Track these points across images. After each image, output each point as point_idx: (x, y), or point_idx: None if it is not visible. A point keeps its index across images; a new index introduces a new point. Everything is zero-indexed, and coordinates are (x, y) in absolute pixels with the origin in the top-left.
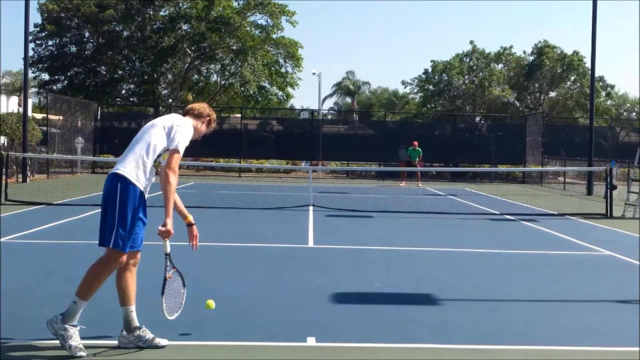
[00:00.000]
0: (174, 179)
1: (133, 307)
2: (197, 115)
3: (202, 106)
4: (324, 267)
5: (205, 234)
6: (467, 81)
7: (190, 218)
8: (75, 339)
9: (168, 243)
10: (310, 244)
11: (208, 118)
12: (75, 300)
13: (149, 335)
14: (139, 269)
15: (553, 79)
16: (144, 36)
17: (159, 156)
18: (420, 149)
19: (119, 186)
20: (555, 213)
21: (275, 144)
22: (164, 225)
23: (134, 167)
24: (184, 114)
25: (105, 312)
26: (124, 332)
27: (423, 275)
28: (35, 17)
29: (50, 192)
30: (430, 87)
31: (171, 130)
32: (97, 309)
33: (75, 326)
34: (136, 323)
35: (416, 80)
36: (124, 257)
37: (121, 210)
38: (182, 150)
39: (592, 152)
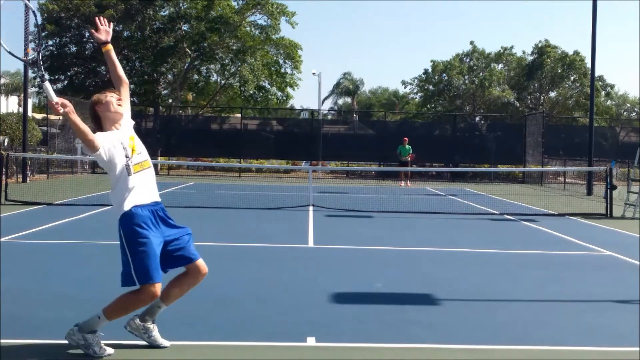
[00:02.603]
0: (88, 141)
1: (164, 306)
2: (95, 117)
3: (91, 108)
4: (324, 267)
5: (205, 234)
6: (467, 81)
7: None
8: (98, 343)
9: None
10: (310, 244)
11: (98, 108)
12: (100, 316)
13: (155, 332)
14: None
15: (553, 78)
16: (144, 36)
17: (127, 167)
18: (409, 146)
19: (118, 225)
20: (555, 213)
21: (275, 144)
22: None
23: (113, 198)
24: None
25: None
26: (137, 319)
27: (423, 275)
28: None
29: (50, 192)
30: (430, 87)
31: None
32: (97, 309)
33: (94, 333)
34: (154, 318)
35: (416, 80)
36: (157, 288)
37: (129, 246)
38: (98, 139)
39: (592, 152)
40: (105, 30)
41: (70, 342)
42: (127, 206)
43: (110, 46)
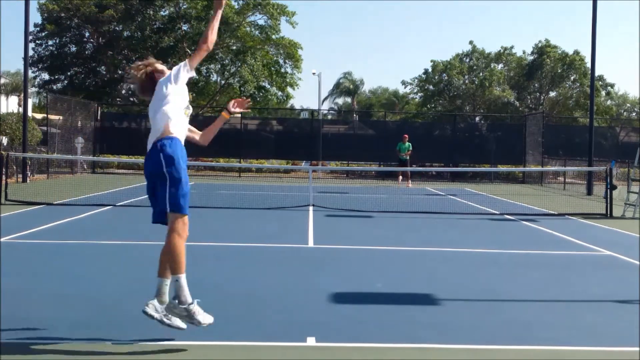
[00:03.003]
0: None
1: (167, 280)
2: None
3: (149, 76)
4: (324, 267)
5: (205, 234)
6: (467, 81)
7: (225, 113)
8: (199, 312)
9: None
10: (310, 244)
11: (158, 75)
12: (177, 279)
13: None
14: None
15: (553, 78)
16: (144, 36)
17: (187, 107)
18: (409, 143)
19: (163, 146)
20: (555, 213)
21: (275, 144)
22: None
23: (171, 125)
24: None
25: (104, 311)
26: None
27: (423, 275)
28: (35, 17)
29: (50, 192)
30: (430, 87)
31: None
32: (97, 309)
33: (192, 303)
34: (165, 297)
35: (416, 80)
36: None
37: (180, 171)
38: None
39: (592, 152)
40: (242, 105)
41: (174, 314)
42: (177, 135)
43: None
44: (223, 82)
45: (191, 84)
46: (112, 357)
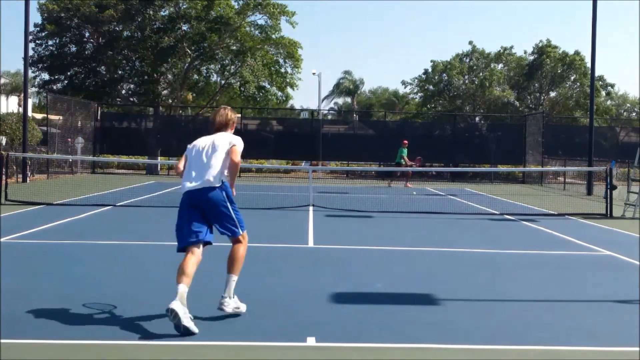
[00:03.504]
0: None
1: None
2: (226, 127)
3: (227, 124)
4: (324, 267)
5: None
6: (467, 81)
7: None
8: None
9: None
10: (310, 244)
11: (233, 125)
12: (233, 278)
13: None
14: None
15: (553, 78)
16: (144, 36)
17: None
18: (405, 149)
19: (219, 190)
20: (555, 213)
21: (275, 144)
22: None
23: (220, 175)
24: (224, 127)
25: (104, 311)
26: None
27: (423, 275)
28: (35, 17)
29: (50, 192)
30: (430, 87)
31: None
32: (97, 309)
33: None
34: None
35: (416, 80)
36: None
37: (233, 204)
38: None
39: (592, 152)
40: None
41: (228, 310)
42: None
43: None
44: (223, 82)
45: (191, 84)
46: (113, 357)
